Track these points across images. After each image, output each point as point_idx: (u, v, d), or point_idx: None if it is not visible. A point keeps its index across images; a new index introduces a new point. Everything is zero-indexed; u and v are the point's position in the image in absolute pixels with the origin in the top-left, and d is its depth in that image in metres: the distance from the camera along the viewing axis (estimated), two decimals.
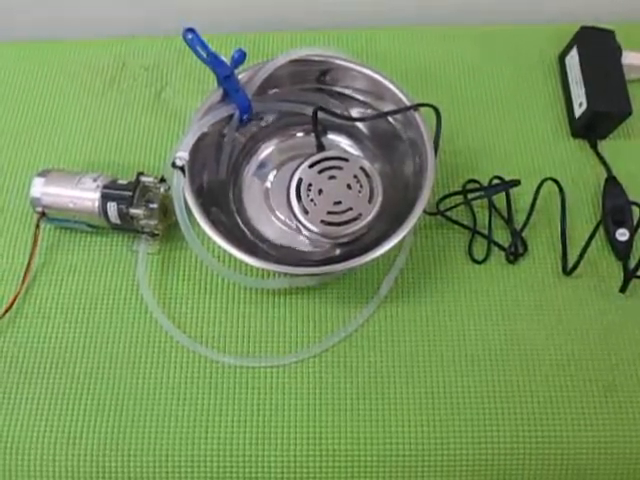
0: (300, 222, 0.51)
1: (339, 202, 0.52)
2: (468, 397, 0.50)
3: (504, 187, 0.56)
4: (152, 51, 0.67)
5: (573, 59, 0.62)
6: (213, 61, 0.51)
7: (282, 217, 0.56)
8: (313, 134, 0.56)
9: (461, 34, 0.67)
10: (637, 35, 0.63)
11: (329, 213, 0.51)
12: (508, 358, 0.51)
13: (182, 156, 0.48)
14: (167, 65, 0.66)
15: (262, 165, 0.58)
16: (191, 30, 0.51)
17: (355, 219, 0.51)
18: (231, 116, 0.53)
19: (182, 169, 0.48)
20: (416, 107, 0.52)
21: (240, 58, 0.48)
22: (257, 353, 0.52)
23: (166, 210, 0.55)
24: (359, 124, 0.57)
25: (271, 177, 0.57)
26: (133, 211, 0.51)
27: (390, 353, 0.52)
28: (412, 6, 0.69)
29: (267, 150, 0.59)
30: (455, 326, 0.53)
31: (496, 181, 0.58)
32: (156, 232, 0.54)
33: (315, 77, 0.56)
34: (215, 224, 0.48)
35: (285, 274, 0.53)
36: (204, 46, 0.51)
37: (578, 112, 0.59)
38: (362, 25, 0.68)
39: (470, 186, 0.58)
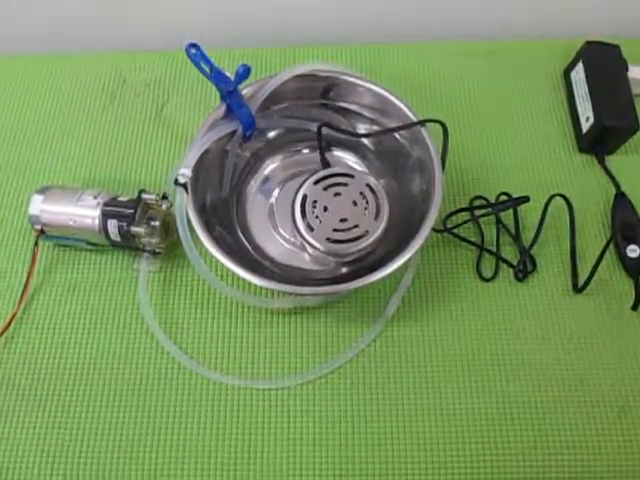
0: (305, 240, 0.50)
1: (345, 219, 0.51)
2: (478, 418, 0.49)
3: (513, 203, 0.55)
4: (153, 66, 0.66)
5: (579, 74, 0.61)
6: (217, 76, 0.50)
7: (286, 235, 0.54)
8: (318, 150, 0.55)
9: (465, 50, 0.67)
10: None
11: (335, 230, 0.50)
12: (519, 378, 0.50)
13: (185, 173, 0.47)
14: (169, 81, 0.66)
15: (266, 182, 0.57)
16: (194, 45, 0.50)
17: (361, 236, 0.50)
18: (234, 132, 0.52)
19: (185, 186, 0.47)
20: (423, 123, 0.51)
21: (244, 73, 0.48)
22: (261, 374, 0.50)
23: (168, 228, 0.53)
24: (365, 140, 0.57)
25: (275, 194, 0.56)
26: (134, 229, 0.49)
27: (398, 374, 0.50)
28: (416, 22, 0.69)
29: (271, 166, 0.58)
30: (464, 346, 0.51)
31: (503, 197, 0.57)
32: (158, 250, 0.53)
33: (320, 93, 0.55)
34: (218, 242, 0.47)
35: (290, 293, 0.52)
36: (207, 61, 0.50)
37: (585, 127, 0.59)
38: (367, 41, 0.68)
39: (477, 203, 0.57)
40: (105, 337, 0.52)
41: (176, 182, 0.47)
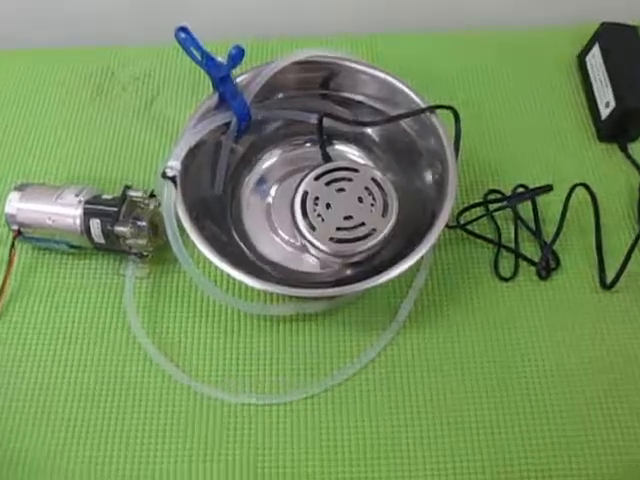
0: (307, 240, 0.46)
1: (350, 217, 0.46)
2: (504, 432, 0.44)
3: (534, 194, 0.51)
4: (143, 60, 0.63)
5: (595, 58, 0.57)
6: (209, 63, 0.46)
7: (285, 236, 0.50)
8: (318, 144, 0.51)
9: (475, 39, 0.63)
10: None
11: (339, 229, 0.46)
12: (547, 385, 0.45)
13: (173, 165, 0.43)
14: (159, 75, 0.62)
15: (263, 178, 0.53)
16: (184, 29, 0.46)
17: (368, 235, 0.46)
18: (228, 124, 0.48)
19: (173, 180, 0.43)
20: (432, 109, 0.47)
21: (238, 56, 0.44)
22: (260, 389, 0.46)
23: (156, 229, 0.49)
24: (370, 132, 0.52)
25: (273, 192, 0.52)
26: (118, 229, 0.45)
27: (412, 385, 0.46)
28: (425, 11, 0.66)
29: (268, 162, 0.53)
30: (483, 352, 0.47)
31: (520, 190, 0.53)
32: (145, 253, 0.48)
33: (321, 82, 0.51)
34: (211, 242, 0.42)
35: (291, 298, 0.47)
36: (198, 46, 0.46)
37: (605, 113, 0.55)
38: (374, 31, 0.64)
39: (492, 197, 0.53)
40: (88, 348, 0.47)
41: (164, 175, 0.42)
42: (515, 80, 0.60)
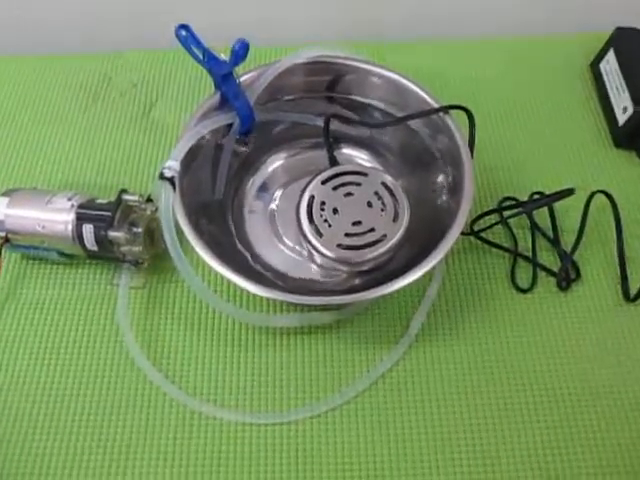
0: (313, 247, 0.43)
1: (358, 222, 0.44)
2: (527, 455, 0.40)
3: (547, 200, 0.48)
4: (142, 66, 0.61)
5: (610, 64, 0.56)
6: (210, 61, 0.44)
7: (290, 243, 0.47)
8: (325, 147, 0.48)
9: (486, 47, 0.62)
10: None
11: (347, 235, 0.43)
12: (571, 402, 0.42)
13: (172, 166, 0.40)
14: (158, 81, 0.60)
15: (266, 183, 0.51)
16: (184, 27, 0.44)
17: (378, 241, 0.43)
18: (230, 125, 0.46)
19: (172, 181, 0.40)
20: (446, 109, 0.44)
21: (241, 51, 0.41)
22: (263, 407, 0.42)
23: (153, 236, 0.46)
24: (380, 136, 0.50)
25: (277, 197, 0.50)
26: (113, 234, 0.42)
27: (427, 402, 0.42)
28: (434, 19, 0.64)
29: (272, 166, 0.51)
30: (501, 367, 0.44)
31: (536, 197, 0.50)
32: (141, 261, 0.45)
33: (327, 84, 0.49)
34: (211, 247, 0.39)
35: (295, 308, 0.44)
36: (199, 44, 0.44)
37: (622, 119, 0.53)
38: (383, 38, 0.62)
39: (507, 204, 0.50)
40: (78, 363, 0.44)
41: (161, 176, 0.40)
42: (526, 89, 0.59)
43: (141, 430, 0.41)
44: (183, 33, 0.44)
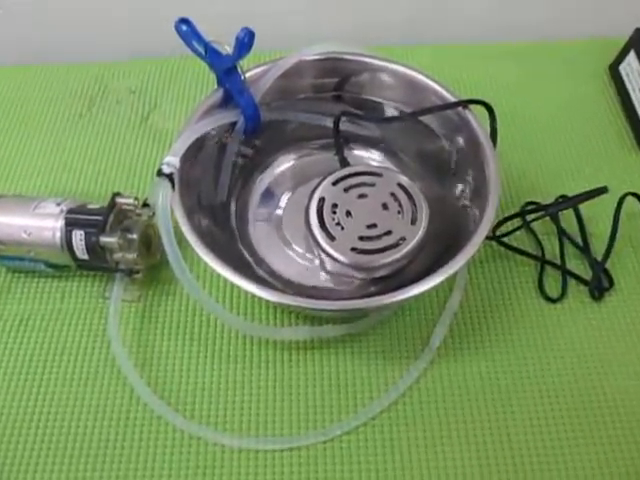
0: (325, 252, 0.40)
1: (374, 225, 0.40)
2: (565, 475, 0.36)
3: (573, 201, 0.45)
4: (139, 73, 0.58)
5: (630, 65, 0.53)
6: (212, 56, 0.41)
7: (299, 249, 0.44)
8: (335, 148, 0.45)
9: (504, 52, 0.60)
10: None
11: (361, 239, 0.40)
12: (612, 427, 0.38)
13: (171, 162, 0.37)
14: (156, 88, 0.57)
15: (273, 185, 0.47)
16: (185, 21, 0.41)
17: (396, 245, 0.40)
18: (234, 124, 0.43)
19: (171, 179, 0.36)
20: (465, 104, 0.41)
21: (246, 39, 0.38)
22: (270, 431, 0.38)
23: (150, 244, 0.43)
24: (394, 135, 0.47)
25: (284, 200, 0.46)
26: (105, 239, 0.39)
27: (453, 424, 0.38)
28: (449, 24, 0.62)
29: (279, 168, 0.48)
30: (533, 382, 0.40)
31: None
32: (135, 271, 0.41)
33: (337, 82, 0.46)
34: (212, 249, 0.36)
35: (305, 319, 0.40)
36: (200, 38, 0.41)
37: None
38: (399, 43, 0.60)
39: (530, 208, 0.47)
40: (65, 382, 0.40)
41: (159, 173, 0.36)
42: (546, 94, 0.56)
43: (132, 455, 0.37)
44: (183, 27, 0.42)
